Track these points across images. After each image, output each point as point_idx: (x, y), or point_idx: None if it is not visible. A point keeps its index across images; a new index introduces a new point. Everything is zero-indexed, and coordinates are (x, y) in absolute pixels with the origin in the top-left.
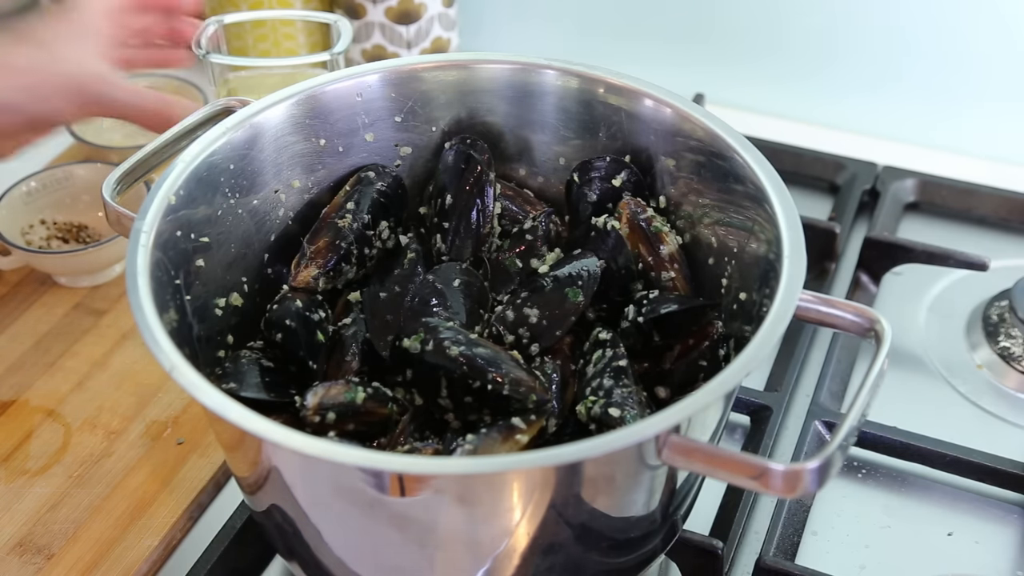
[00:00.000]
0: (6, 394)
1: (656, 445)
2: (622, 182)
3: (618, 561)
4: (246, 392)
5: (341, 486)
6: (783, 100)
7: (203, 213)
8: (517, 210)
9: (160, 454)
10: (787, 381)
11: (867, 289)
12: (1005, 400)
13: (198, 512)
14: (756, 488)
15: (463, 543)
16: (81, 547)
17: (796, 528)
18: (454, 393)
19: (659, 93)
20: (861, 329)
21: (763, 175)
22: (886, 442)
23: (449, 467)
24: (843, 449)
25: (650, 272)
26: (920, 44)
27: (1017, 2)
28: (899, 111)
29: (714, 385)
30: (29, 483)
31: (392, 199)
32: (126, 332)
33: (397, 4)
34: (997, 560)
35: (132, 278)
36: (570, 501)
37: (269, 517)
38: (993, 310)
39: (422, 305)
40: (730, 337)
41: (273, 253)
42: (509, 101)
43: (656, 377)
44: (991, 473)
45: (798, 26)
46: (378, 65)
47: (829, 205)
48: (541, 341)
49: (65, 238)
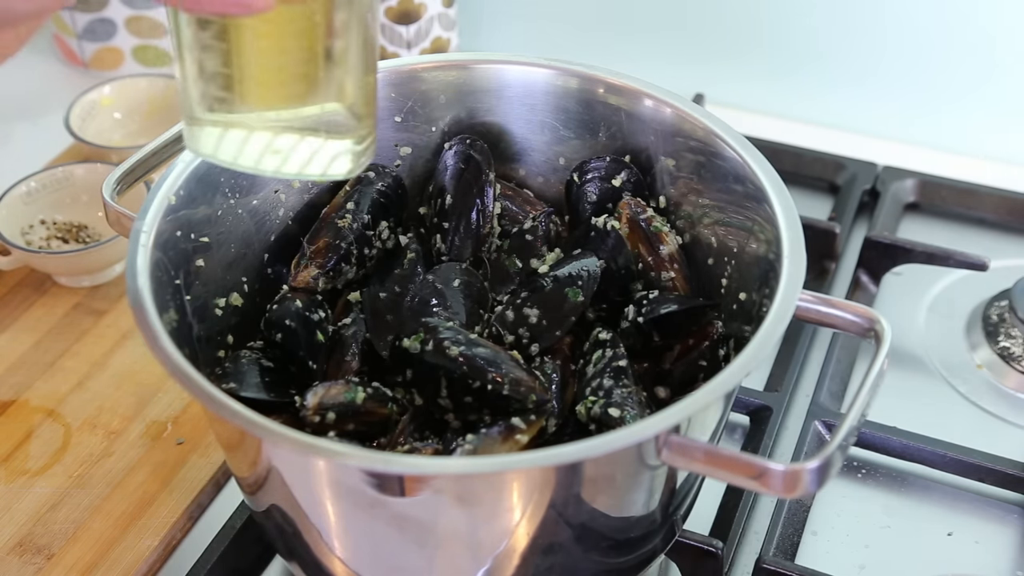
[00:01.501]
0: (6, 394)
1: (656, 445)
2: (622, 182)
3: (618, 561)
4: (246, 392)
5: (341, 486)
6: (783, 100)
7: (203, 213)
8: (517, 210)
9: (160, 454)
10: (787, 381)
11: (867, 289)
12: (1005, 400)
13: (198, 512)
14: (756, 488)
15: (463, 543)
16: (81, 547)
17: (796, 528)
18: (454, 393)
19: (659, 93)
20: (861, 329)
21: (763, 175)
22: (886, 442)
23: (449, 467)
24: (843, 449)
25: (650, 272)
26: (921, 44)
27: (1019, 2)
28: (900, 111)
29: (714, 385)
30: (29, 483)
31: (392, 199)
32: (126, 332)
33: (397, 4)
34: (997, 560)
35: (132, 278)
36: (570, 501)
37: (269, 517)
38: (993, 310)
39: (422, 305)
40: (730, 337)
41: (273, 253)
42: (509, 101)
43: (656, 377)
44: (991, 473)
45: (798, 25)
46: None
47: (829, 205)
48: (541, 341)
49: (65, 238)
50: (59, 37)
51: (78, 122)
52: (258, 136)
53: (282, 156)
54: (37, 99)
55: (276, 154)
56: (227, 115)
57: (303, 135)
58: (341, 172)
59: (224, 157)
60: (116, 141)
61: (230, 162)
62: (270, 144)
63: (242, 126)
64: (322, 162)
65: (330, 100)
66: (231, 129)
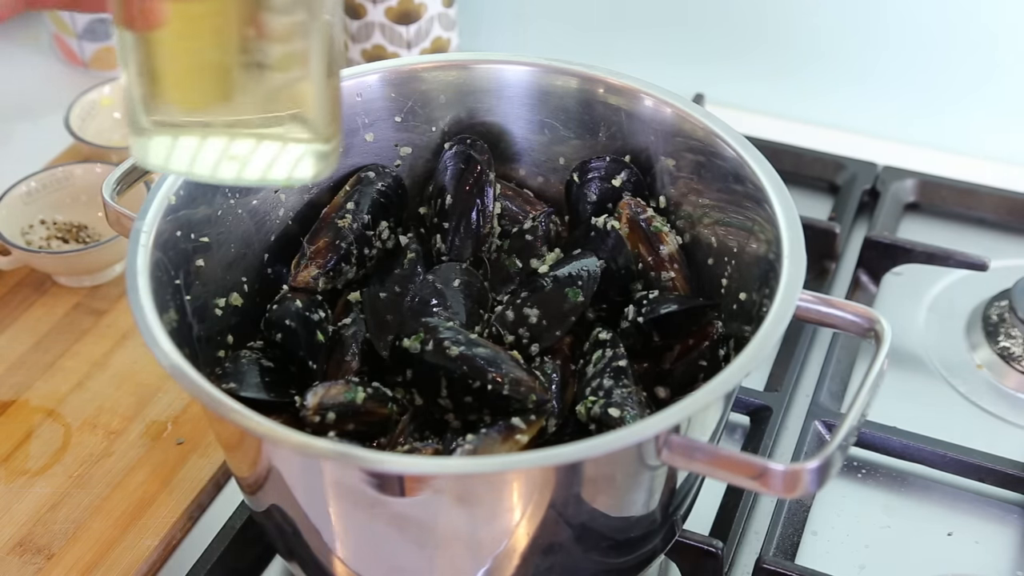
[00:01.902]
0: (6, 394)
1: (656, 445)
2: (622, 182)
3: (618, 561)
4: (246, 392)
5: (341, 486)
6: (783, 100)
7: (203, 213)
8: (517, 210)
9: (160, 454)
10: (787, 381)
11: (867, 289)
12: (1005, 400)
13: (198, 512)
14: (756, 488)
15: (463, 543)
16: (81, 547)
17: (796, 528)
18: (454, 393)
19: (659, 93)
20: (861, 329)
21: (763, 175)
22: (886, 442)
23: (449, 467)
24: (843, 449)
25: (650, 272)
26: (921, 44)
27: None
28: (900, 111)
29: (714, 385)
30: (29, 483)
31: (392, 199)
32: (126, 332)
33: (397, 4)
34: (997, 560)
35: (132, 278)
36: (570, 501)
37: (269, 517)
38: (993, 310)
39: (422, 305)
40: (730, 337)
41: (273, 253)
42: (509, 101)
43: (656, 377)
44: (991, 473)
45: (799, 25)
46: (378, 65)
47: (829, 205)
48: (541, 341)
49: (65, 238)
50: (59, 37)
51: (78, 122)
52: (212, 142)
53: (240, 162)
54: (37, 99)
55: (233, 160)
56: (173, 121)
57: (260, 139)
58: (307, 176)
59: (177, 167)
60: (116, 141)
61: (185, 171)
62: (226, 150)
63: (192, 132)
64: (285, 166)
65: (281, 101)
66: (181, 136)
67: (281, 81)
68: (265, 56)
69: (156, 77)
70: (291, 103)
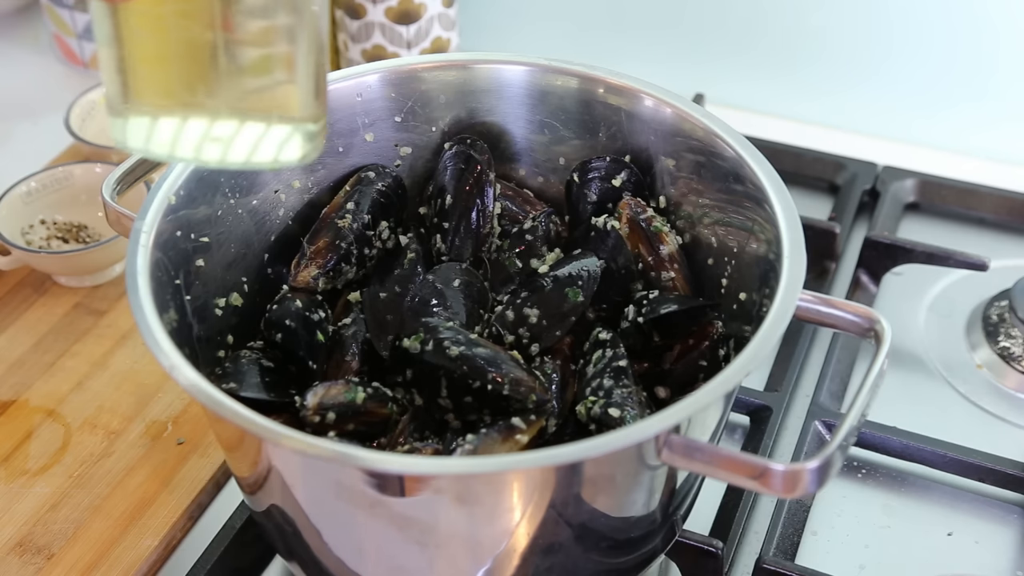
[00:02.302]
0: (6, 394)
1: (656, 445)
2: (622, 182)
3: (618, 561)
4: (246, 392)
5: (341, 486)
6: (783, 100)
7: (203, 213)
8: (517, 210)
9: (160, 454)
10: (787, 381)
11: (867, 289)
12: (1005, 400)
13: (198, 512)
14: (756, 488)
15: (463, 543)
16: (81, 547)
17: (796, 528)
18: (454, 393)
19: (659, 93)
20: (861, 329)
21: (763, 175)
22: (886, 442)
23: (449, 467)
24: (843, 449)
25: (650, 272)
26: (922, 44)
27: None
28: (900, 111)
29: (714, 385)
30: (29, 483)
31: (392, 199)
32: (126, 332)
33: (397, 4)
34: (997, 560)
35: (132, 278)
36: (570, 501)
37: (269, 517)
38: (993, 310)
39: (422, 305)
40: (730, 337)
41: (273, 253)
42: (509, 101)
43: (656, 377)
44: (991, 473)
45: (799, 25)
46: (378, 65)
47: (829, 205)
48: (541, 341)
49: (65, 238)
50: (59, 37)
51: (78, 122)
52: (194, 123)
53: (223, 144)
54: (37, 99)
55: (216, 142)
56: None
57: (243, 119)
58: (294, 157)
59: (158, 150)
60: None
61: (166, 155)
62: (208, 131)
63: (172, 113)
64: (271, 148)
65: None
66: (161, 117)
67: (262, 57)
68: (245, 32)
69: (129, 54)
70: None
